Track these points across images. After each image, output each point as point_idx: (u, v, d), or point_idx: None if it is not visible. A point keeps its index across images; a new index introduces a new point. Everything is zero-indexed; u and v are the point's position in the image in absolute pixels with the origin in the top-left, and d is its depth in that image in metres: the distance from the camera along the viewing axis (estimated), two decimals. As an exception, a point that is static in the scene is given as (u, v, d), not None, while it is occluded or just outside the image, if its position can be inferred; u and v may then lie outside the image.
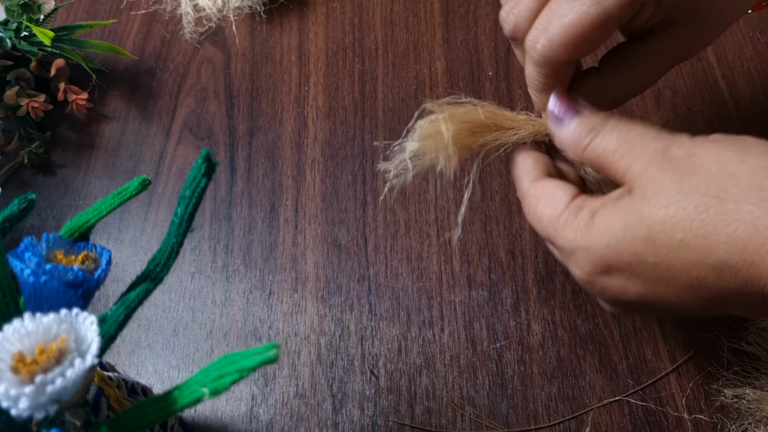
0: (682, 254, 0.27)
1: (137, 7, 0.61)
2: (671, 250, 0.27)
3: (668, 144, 0.29)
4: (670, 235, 0.27)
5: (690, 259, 0.27)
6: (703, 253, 0.26)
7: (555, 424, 0.40)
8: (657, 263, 0.28)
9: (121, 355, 0.45)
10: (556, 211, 0.31)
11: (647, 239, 0.28)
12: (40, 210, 0.51)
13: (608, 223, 0.29)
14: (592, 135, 0.31)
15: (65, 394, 0.21)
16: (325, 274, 0.46)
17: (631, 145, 0.30)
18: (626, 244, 0.28)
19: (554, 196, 0.32)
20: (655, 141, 0.29)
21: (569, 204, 0.31)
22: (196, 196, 0.26)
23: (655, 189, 0.28)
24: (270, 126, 0.53)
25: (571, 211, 0.31)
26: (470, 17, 0.56)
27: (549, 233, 0.32)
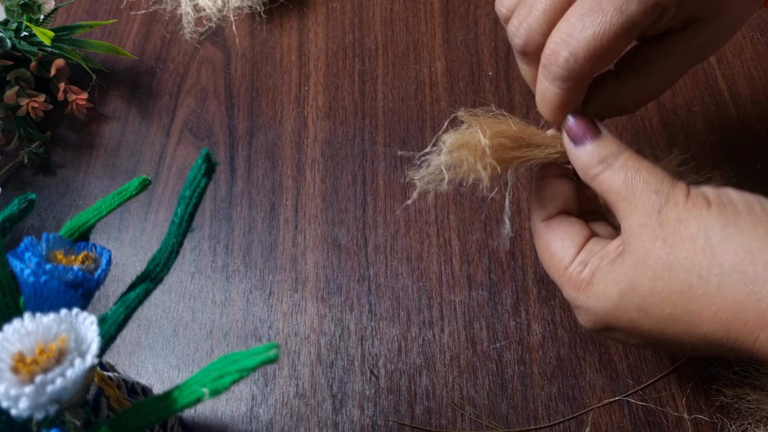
0: (672, 325, 0.29)
1: (137, 7, 0.61)
2: (662, 321, 0.29)
3: (664, 202, 0.30)
4: (660, 308, 0.29)
5: (680, 329, 0.29)
6: (691, 326, 0.28)
7: (555, 424, 0.40)
8: (651, 329, 0.30)
9: (121, 355, 0.45)
10: (562, 264, 0.33)
11: (640, 309, 0.30)
12: (40, 210, 0.51)
13: (605, 290, 0.31)
14: (603, 167, 0.32)
15: (65, 394, 0.21)
16: (325, 274, 0.46)
17: (633, 193, 0.31)
18: (621, 312, 0.30)
19: (562, 246, 0.33)
20: (654, 194, 0.30)
21: (574, 258, 0.33)
22: (196, 196, 0.26)
23: (645, 259, 0.29)
24: (270, 126, 0.53)
25: (576, 268, 0.32)
26: (470, 17, 0.56)
27: (555, 280, 0.34)
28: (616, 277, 0.30)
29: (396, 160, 0.50)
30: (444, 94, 0.52)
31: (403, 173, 0.49)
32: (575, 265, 0.33)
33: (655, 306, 0.29)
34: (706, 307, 0.28)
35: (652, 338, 0.31)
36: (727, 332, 0.28)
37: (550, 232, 0.34)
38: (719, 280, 0.27)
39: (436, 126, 0.51)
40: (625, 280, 0.30)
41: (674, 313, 0.29)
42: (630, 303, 0.30)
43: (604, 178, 0.32)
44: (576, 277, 0.32)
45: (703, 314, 0.28)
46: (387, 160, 0.50)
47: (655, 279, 0.29)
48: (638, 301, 0.30)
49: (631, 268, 0.30)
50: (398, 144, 0.51)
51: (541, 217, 0.35)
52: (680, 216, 0.29)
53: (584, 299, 0.32)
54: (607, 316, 0.31)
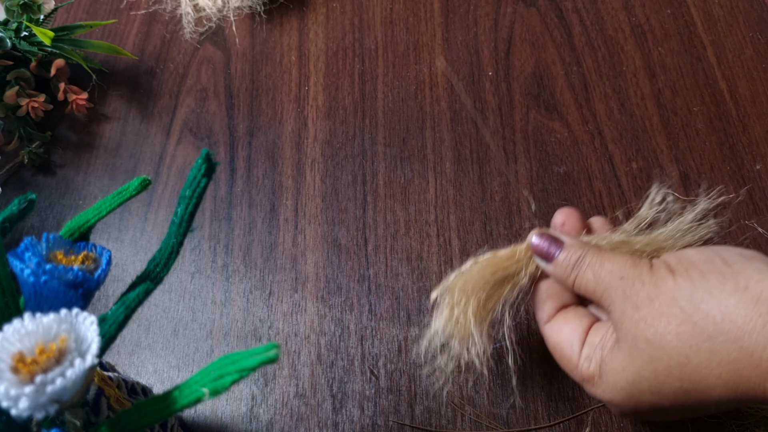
0: (687, 397, 0.30)
1: (137, 7, 0.61)
2: (676, 396, 0.30)
3: (632, 285, 0.32)
4: (669, 386, 0.30)
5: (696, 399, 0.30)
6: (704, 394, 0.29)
7: (555, 424, 0.40)
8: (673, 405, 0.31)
9: (121, 355, 0.45)
10: (572, 364, 0.35)
11: (652, 391, 0.31)
12: (40, 210, 0.51)
13: (615, 381, 0.32)
14: (575, 272, 0.34)
15: (65, 394, 0.21)
16: (325, 274, 0.46)
17: (605, 287, 0.33)
18: (638, 397, 0.32)
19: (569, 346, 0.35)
20: (619, 281, 0.32)
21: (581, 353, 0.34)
22: (196, 196, 0.26)
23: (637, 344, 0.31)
24: (270, 126, 0.53)
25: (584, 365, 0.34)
26: (470, 17, 0.56)
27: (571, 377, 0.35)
28: (619, 366, 0.32)
29: (396, 160, 0.50)
30: (444, 94, 0.52)
31: (403, 174, 0.49)
32: (583, 362, 0.34)
33: (664, 385, 0.30)
34: (709, 374, 0.29)
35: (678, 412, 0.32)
36: (735, 390, 0.28)
37: (554, 335, 0.36)
38: (709, 345, 0.28)
39: (436, 126, 0.51)
40: (627, 368, 0.31)
41: (683, 386, 0.30)
42: (641, 387, 0.31)
43: (579, 282, 0.34)
44: (587, 373, 0.34)
45: (709, 381, 0.29)
46: (387, 160, 0.50)
47: (652, 360, 0.30)
48: (647, 385, 0.31)
49: (628, 354, 0.31)
50: (398, 144, 0.51)
51: (544, 319, 0.37)
52: (650, 294, 0.31)
53: (601, 393, 0.33)
54: (628, 403, 0.32)
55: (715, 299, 0.29)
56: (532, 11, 0.56)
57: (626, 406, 0.33)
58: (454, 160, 0.49)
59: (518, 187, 0.48)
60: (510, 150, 0.49)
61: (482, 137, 0.50)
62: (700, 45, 0.53)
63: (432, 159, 0.50)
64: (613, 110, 0.50)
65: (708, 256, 0.31)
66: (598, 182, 0.47)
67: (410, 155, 0.50)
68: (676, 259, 0.32)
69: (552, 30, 0.55)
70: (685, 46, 0.53)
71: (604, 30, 0.54)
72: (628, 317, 0.31)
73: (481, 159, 0.49)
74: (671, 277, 0.31)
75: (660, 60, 0.52)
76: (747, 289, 0.28)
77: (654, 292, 0.31)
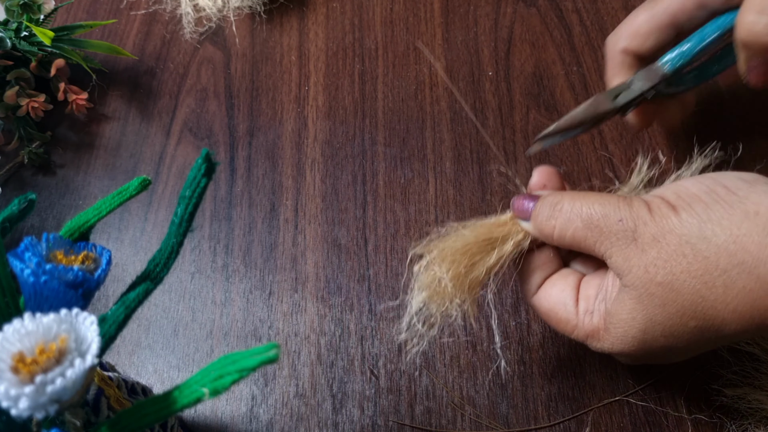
0: (702, 336, 0.29)
1: (137, 7, 0.61)
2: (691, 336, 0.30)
3: (633, 226, 0.30)
4: (684, 327, 0.29)
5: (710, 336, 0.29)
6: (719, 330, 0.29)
7: (555, 424, 0.40)
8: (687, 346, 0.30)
9: (121, 355, 0.45)
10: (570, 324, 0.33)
11: (666, 334, 0.30)
12: (40, 210, 0.51)
13: (625, 332, 0.31)
14: (554, 220, 0.32)
15: (65, 394, 0.21)
16: (325, 274, 0.46)
17: (600, 231, 0.31)
18: (650, 344, 0.31)
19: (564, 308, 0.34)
20: (618, 223, 0.30)
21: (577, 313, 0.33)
22: (196, 196, 0.26)
23: (648, 289, 0.29)
24: (270, 126, 0.53)
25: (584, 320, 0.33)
26: (470, 17, 0.56)
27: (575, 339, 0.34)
28: (629, 316, 0.31)
29: (396, 160, 0.50)
30: (444, 94, 0.52)
31: (403, 174, 0.49)
32: (583, 318, 0.33)
33: (679, 327, 0.29)
34: (724, 309, 0.28)
35: (691, 350, 0.31)
36: (751, 322, 0.28)
37: (544, 301, 0.35)
38: (724, 280, 0.27)
39: (436, 126, 0.51)
40: (637, 316, 0.30)
41: (698, 325, 0.29)
42: (655, 333, 0.30)
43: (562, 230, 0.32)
44: (590, 327, 0.33)
45: (725, 316, 0.28)
46: (387, 160, 0.50)
47: (665, 304, 0.29)
48: (661, 329, 0.30)
49: (638, 302, 0.30)
50: (398, 144, 0.51)
51: (532, 291, 0.36)
52: (655, 233, 0.29)
53: (610, 345, 0.32)
54: (640, 351, 0.31)
55: (726, 231, 0.27)
56: (532, 11, 0.56)
57: (637, 354, 0.31)
58: (454, 160, 0.49)
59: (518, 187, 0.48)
60: (510, 150, 0.49)
61: (482, 137, 0.50)
62: (700, 45, 0.52)
63: (432, 159, 0.50)
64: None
65: (708, 185, 0.30)
66: (598, 182, 0.47)
67: (410, 155, 0.50)
68: (674, 194, 0.30)
69: (552, 30, 0.55)
70: (685, 46, 0.53)
71: (604, 30, 0.54)
72: (635, 262, 0.30)
73: (481, 159, 0.49)
74: (674, 214, 0.29)
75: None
76: (758, 214, 0.27)
77: (659, 232, 0.29)
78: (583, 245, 0.32)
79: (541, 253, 0.36)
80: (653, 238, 0.29)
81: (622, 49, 0.38)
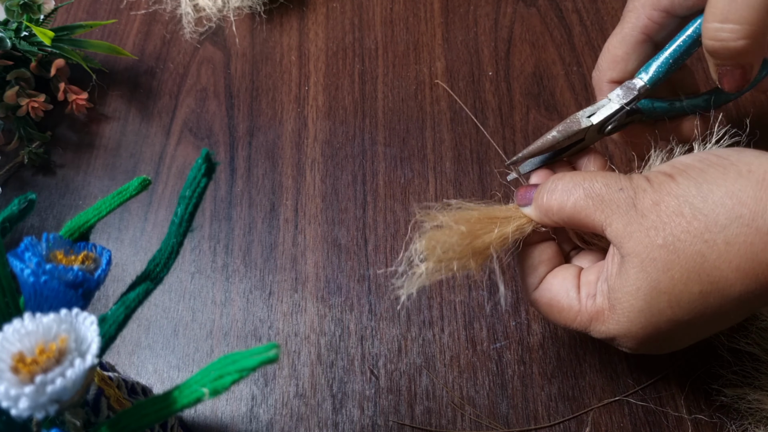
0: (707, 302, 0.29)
1: (137, 7, 0.61)
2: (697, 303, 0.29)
3: (633, 194, 0.31)
4: (688, 293, 0.29)
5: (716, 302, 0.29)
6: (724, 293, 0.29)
7: (555, 424, 0.40)
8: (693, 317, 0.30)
9: (121, 355, 0.45)
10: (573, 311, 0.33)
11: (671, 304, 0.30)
12: (40, 210, 0.51)
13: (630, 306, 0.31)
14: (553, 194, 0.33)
15: (65, 394, 0.21)
16: (325, 274, 0.46)
17: (600, 199, 0.31)
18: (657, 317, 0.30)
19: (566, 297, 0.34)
20: (619, 192, 0.31)
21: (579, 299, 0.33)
22: (196, 196, 0.26)
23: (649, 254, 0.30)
24: (270, 126, 0.53)
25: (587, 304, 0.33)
26: (470, 17, 0.56)
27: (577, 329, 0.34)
28: (632, 287, 0.30)
29: (396, 160, 0.50)
30: (444, 94, 0.52)
31: (403, 174, 0.49)
32: (586, 302, 0.33)
33: (684, 293, 0.29)
34: (727, 268, 0.28)
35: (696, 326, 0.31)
36: (756, 280, 0.28)
37: (546, 292, 0.35)
38: (724, 236, 0.28)
39: (436, 126, 0.51)
40: (641, 285, 0.30)
41: (703, 289, 0.29)
42: (660, 303, 0.30)
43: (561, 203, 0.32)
44: (593, 310, 0.32)
45: (728, 276, 0.28)
46: (387, 160, 0.50)
47: (668, 268, 0.29)
48: (666, 298, 0.29)
49: (641, 270, 0.30)
50: (398, 144, 0.51)
51: (534, 286, 0.36)
52: (654, 199, 0.30)
53: (615, 325, 0.32)
54: (647, 329, 0.31)
55: (722, 188, 0.28)
56: (532, 11, 0.56)
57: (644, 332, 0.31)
58: (454, 160, 0.49)
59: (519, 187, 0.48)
60: (510, 150, 0.49)
61: (482, 137, 0.50)
62: (700, 45, 0.52)
63: (432, 159, 0.50)
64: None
65: (701, 156, 0.31)
66: (598, 182, 0.47)
67: (410, 155, 0.50)
68: (669, 166, 0.31)
69: (552, 30, 0.55)
70: (685, 46, 0.53)
71: (604, 30, 0.54)
72: (635, 228, 0.30)
73: (481, 159, 0.49)
74: (671, 180, 0.30)
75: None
76: (750, 172, 0.28)
77: (658, 197, 0.30)
78: (583, 215, 0.32)
79: (544, 249, 0.36)
80: (653, 202, 0.30)
81: (608, 81, 0.38)
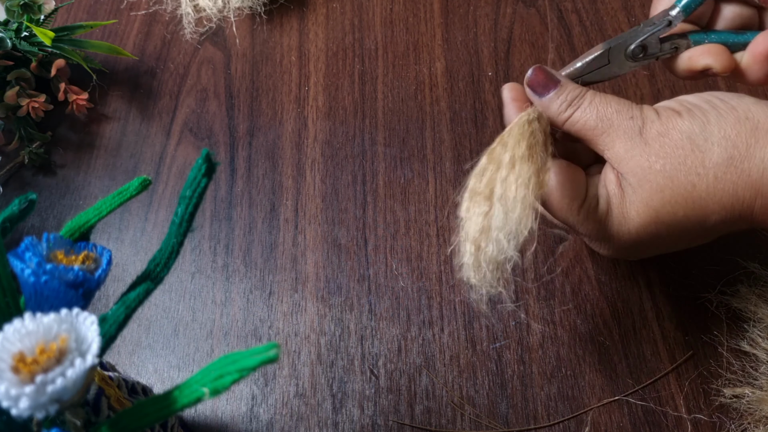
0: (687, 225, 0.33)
1: (137, 8, 0.61)
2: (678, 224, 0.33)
3: (641, 123, 0.34)
4: (673, 214, 0.33)
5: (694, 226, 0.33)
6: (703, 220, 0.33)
7: (554, 423, 0.40)
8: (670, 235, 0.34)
9: (122, 354, 0.45)
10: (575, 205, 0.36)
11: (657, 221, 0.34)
12: (41, 210, 0.51)
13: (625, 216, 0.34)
14: (573, 108, 0.35)
15: (66, 394, 0.21)
16: (325, 274, 0.46)
17: (610, 124, 0.34)
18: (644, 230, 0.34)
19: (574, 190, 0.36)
20: (629, 120, 0.34)
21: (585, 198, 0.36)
22: (196, 196, 0.26)
23: (647, 176, 0.33)
24: (270, 126, 0.53)
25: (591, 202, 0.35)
26: (470, 17, 0.56)
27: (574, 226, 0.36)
28: (628, 199, 0.34)
29: (396, 160, 0.50)
30: (444, 95, 0.53)
31: (403, 174, 0.49)
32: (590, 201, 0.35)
33: (669, 213, 0.33)
34: (710, 199, 0.32)
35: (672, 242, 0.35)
36: (731, 212, 0.32)
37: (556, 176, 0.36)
38: (714, 172, 0.32)
39: (436, 126, 0.51)
40: (636, 201, 0.34)
41: (687, 214, 0.33)
42: (647, 218, 0.34)
43: (577, 117, 0.35)
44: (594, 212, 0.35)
45: (710, 206, 0.32)
46: (387, 160, 0.50)
47: (661, 190, 0.33)
48: (654, 214, 0.33)
49: (638, 186, 0.33)
50: (398, 144, 0.51)
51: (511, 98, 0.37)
52: (660, 130, 0.33)
53: (608, 230, 0.35)
54: (634, 239, 0.35)
55: (721, 131, 0.32)
56: (532, 11, 0.56)
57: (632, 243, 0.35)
58: (454, 160, 0.49)
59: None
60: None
61: (482, 137, 0.50)
62: (700, 45, 0.53)
63: (432, 159, 0.50)
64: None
65: (705, 97, 0.34)
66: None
67: (410, 155, 0.50)
68: (677, 103, 0.35)
69: (552, 30, 0.55)
70: (684, 47, 0.53)
71: (604, 30, 0.54)
72: (638, 151, 0.33)
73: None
74: (678, 117, 0.33)
75: (660, 60, 0.52)
76: (747, 119, 0.32)
77: (664, 129, 0.33)
78: (590, 135, 0.35)
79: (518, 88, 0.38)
80: (658, 133, 0.33)
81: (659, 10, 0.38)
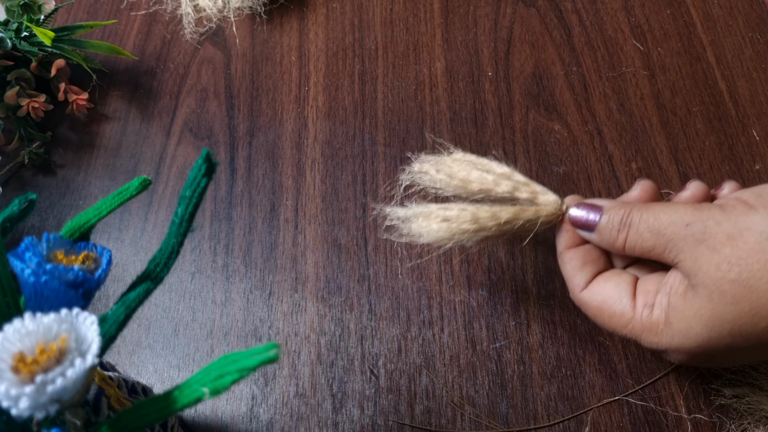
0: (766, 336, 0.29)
1: (138, 8, 0.61)
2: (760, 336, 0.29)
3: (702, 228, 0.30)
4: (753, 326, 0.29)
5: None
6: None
7: (554, 423, 0.40)
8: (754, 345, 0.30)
9: (122, 354, 0.45)
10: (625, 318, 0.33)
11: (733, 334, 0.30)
12: (41, 210, 0.51)
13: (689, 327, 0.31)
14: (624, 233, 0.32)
15: (66, 394, 0.21)
16: (325, 274, 0.46)
17: (667, 239, 0.31)
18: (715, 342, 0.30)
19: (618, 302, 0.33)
20: (686, 229, 0.30)
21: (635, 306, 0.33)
22: (196, 196, 0.26)
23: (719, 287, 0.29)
24: (270, 126, 0.53)
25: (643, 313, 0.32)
26: (470, 17, 0.56)
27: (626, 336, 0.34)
28: (696, 312, 0.30)
29: (396, 161, 0.50)
30: (444, 95, 0.53)
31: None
32: (641, 311, 0.32)
33: (748, 325, 0.29)
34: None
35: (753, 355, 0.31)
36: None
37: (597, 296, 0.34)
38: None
39: (436, 126, 0.51)
40: (705, 313, 0.30)
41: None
42: (721, 332, 0.30)
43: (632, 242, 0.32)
44: (648, 321, 0.32)
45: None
46: (387, 160, 0.50)
47: (737, 302, 0.29)
48: (729, 328, 0.29)
49: (708, 299, 0.30)
50: (398, 144, 0.51)
51: (581, 286, 0.35)
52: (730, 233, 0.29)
53: (668, 340, 0.31)
54: (701, 349, 0.31)
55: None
56: (532, 11, 0.56)
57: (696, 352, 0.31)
58: (453, 160, 0.49)
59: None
60: (510, 150, 0.49)
61: (482, 137, 0.50)
62: (700, 45, 0.53)
63: (432, 159, 0.50)
64: (613, 110, 0.50)
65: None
66: (597, 182, 0.47)
67: (410, 155, 0.50)
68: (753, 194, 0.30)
69: (552, 30, 0.55)
70: (684, 47, 0.53)
71: (604, 30, 0.54)
72: (705, 262, 0.29)
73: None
74: (754, 212, 0.29)
75: (659, 60, 0.52)
76: None
77: (734, 230, 0.29)
78: (654, 254, 0.32)
79: (590, 249, 0.36)
80: (728, 236, 0.29)
81: None
